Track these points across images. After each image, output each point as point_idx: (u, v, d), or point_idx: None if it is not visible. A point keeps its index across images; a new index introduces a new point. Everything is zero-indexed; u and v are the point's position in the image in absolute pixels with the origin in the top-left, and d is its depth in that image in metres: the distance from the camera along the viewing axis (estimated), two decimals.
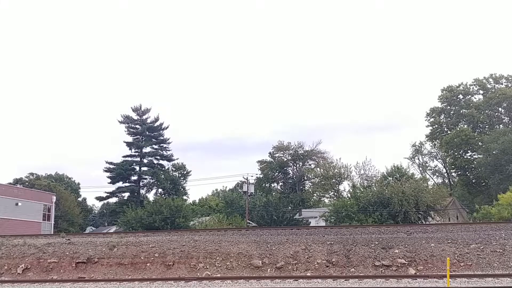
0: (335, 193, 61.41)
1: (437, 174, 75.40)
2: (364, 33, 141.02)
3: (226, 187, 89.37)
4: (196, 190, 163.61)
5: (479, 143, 64.96)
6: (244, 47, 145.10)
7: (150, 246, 24.49)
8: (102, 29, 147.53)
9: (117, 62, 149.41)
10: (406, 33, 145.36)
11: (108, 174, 69.84)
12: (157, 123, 72.28)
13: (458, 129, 69.15)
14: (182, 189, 71.65)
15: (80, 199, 78.64)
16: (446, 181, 73.74)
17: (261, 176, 75.33)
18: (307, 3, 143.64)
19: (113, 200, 73.20)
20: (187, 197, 72.50)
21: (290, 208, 61.14)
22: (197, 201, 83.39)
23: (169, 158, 72.90)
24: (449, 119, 74.19)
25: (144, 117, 72.26)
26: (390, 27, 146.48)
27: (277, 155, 77.86)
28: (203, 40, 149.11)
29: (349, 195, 49.30)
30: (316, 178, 69.60)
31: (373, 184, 50.76)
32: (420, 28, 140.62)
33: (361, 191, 45.50)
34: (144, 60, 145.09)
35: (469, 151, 68.87)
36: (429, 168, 75.35)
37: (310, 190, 73.65)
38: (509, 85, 71.60)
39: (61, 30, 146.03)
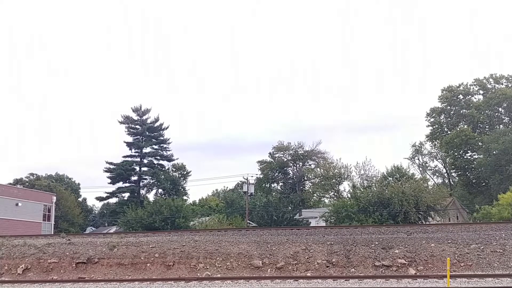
0: (335, 193, 61.34)
1: (437, 174, 75.39)
2: (364, 33, 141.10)
3: (226, 187, 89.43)
4: (196, 190, 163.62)
5: (479, 143, 64.97)
6: (243, 47, 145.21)
7: (150, 246, 24.50)
8: (103, 29, 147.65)
9: (117, 62, 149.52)
10: (406, 33, 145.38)
11: (108, 174, 69.89)
12: (157, 124, 72.31)
13: (458, 129, 69.14)
14: (182, 190, 71.64)
15: (80, 199, 78.67)
16: (446, 181, 73.70)
17: (261, 176, 75.26)
18: (306, 3, 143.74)
19: (113, 200, 73.24)
20: (187, 197, 72.59)
21: (290, 208, 61.12)
22: (197, 201, 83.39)
23: (169, 158, 72.95)
24: (449, 119, 74.20)
25: (144, 117, 72.29)
26: (390, 27, 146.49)
27: (277, 155, 77.82)
28: (202, 40, 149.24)
29: (349, 195, 49.29)
30: (316, 178, 69.52)
31: (373, 184, 50.73)
32: (420, 28, 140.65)
33: (361, 191, 45.48)
34: (144, 60, 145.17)
35: (469, 151, 68.86)
36: (429, 168, 75.35)
37: (310, 190, 73.56)
38: (509, 85, 71.58)
39: (62, 30, 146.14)
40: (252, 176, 62.34)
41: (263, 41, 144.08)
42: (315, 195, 71.81)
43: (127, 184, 70.38)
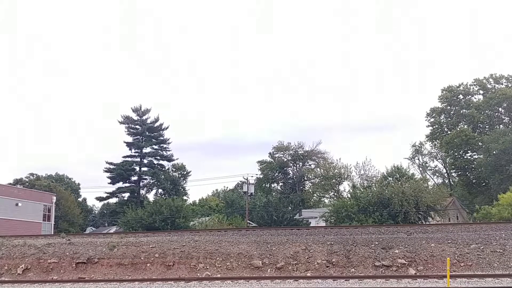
0: (335, 194, 61.38)
1: (437, 174, 75.38)
2: (364, 33, 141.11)
3: (226, 187, 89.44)
4: (196, 191, 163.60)
5: (479, 143, 64.96)
6: (243, 47, 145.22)
7: (150, 246, 24.50)
8: (103, 29, 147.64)
9: (118, 63, 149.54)
10: (406, 33, 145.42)
11: (108, 174, 69.89)
12: (157, 124, 72.33)
13: (458, 129, 69.09)
14: (182, 190, 71.69)
15: (80, 199, 78.69)
16: (446, 181, 73.68)
17: (261, 176, 75.30)
18: (307, 3, 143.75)
19: (113, 200, 73.26)
20: (187, 197, 72.63)
21: (290, 208, 61.13)
22: (197, 201, 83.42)
23: (169, 159, 72.94)
24: (449, 119, 74.16)
25: (144, 117, 72.28)
26: (390, 27, 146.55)
27: (277, 155, 77.88)
28: (202, 40, 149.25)
29: (349, 196, 49.29)
30: (316, 179, 69.59)
31: (373, 184, 50.74)
32: (420, 28, 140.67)
33: (361, 192, 45.48)
34: (144, 60, 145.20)
35: (469, 151, 68.84)
36: (429, 168, 75.36)
37: (310, 190, 73.63)
38: (509, 85, 71.50)
39: (62, 30, 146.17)
40: (252, 176, 62.39)
41: (263, 41, 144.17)
42: (315, 195, 71.87)
43: (127, 184, 70.39)
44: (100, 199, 74.24)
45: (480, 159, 63.39)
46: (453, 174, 73.84)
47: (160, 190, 69.95)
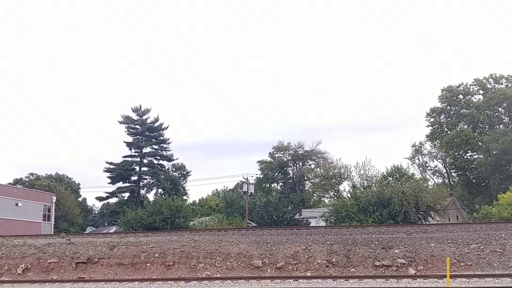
0: (335, 193, 61.41)
1: (437, 174, 75.45)
2: (364, 33, 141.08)
3: (226, 187, 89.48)
4: (196, 190, 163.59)
5: (479, 143, 65.06)
6: (243, 47, 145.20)
7: (150, 246, 24.49)
8: (103, 29, 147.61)
9: (117, 63, 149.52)
10: (406, 32, 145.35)
11: (108, 174, 69.95)
12: (157, 123, 72.38)
13: (458, 129, 69.20)
14: (182, 189, 71.71)
15: (80, 199, 78.67)
16: (446, 181, 73.74)
17: (261, 176, 75.34)
18: (306, 3, 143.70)
19: (113, 200, 73.33)
20: (187, 197, 72.67)
21: (290, 208, 61.16)
22: (197, 201, 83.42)
23: (169, 158, 72.99)
24: (449, 119, 74.24)
25: (144, 117, 72.34)
26: (390, 27, 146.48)
27: (277, 155, 77.92)
28: (202, 40, 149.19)
29: (349, 195, 49.33)
30: (316, 178, 69.63)
31: (373, 184, 50.79)
32: (420, 28, 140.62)
33: (361, 191, 45.53)
34: (144, 60, 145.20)
35: (469, 151, 68.95)
36: (429, 168, 75.43)
37: (310, 190, 73.67)
38: (509, 85, 71.62)
39: (63, 30, 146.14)
40: (252, 176, 62.48)
41: (263, 41, 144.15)
42: (315, 195, 71.92)
43: (127, 184, 70.43)
44: (100, 199, 74.34)
45: (480, 159, 63.48)
46: (453, 174, 73.93)
47: (160, 190, 69.98)
